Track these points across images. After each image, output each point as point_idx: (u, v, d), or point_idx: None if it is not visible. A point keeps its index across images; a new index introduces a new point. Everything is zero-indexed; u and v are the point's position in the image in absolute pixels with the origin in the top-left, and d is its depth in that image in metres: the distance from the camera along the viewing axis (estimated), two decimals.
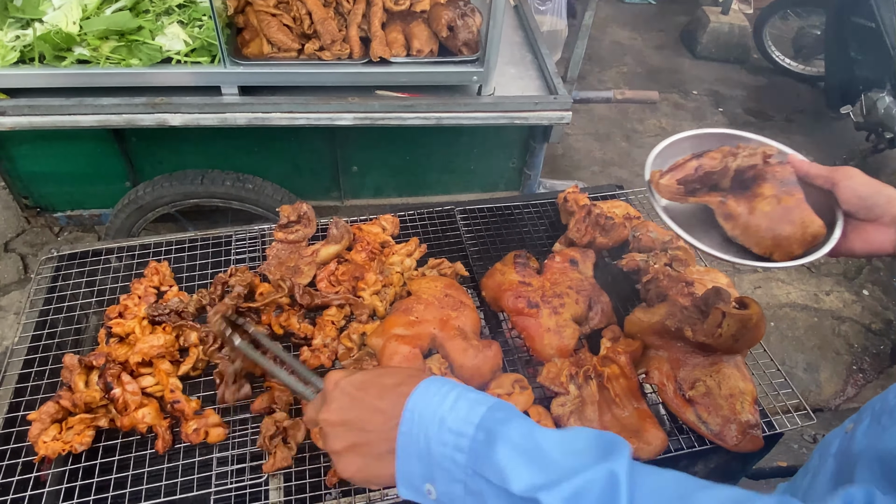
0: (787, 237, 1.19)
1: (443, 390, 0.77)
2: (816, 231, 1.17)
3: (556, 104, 2.54)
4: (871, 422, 0.97)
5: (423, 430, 0.74)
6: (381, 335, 1.47)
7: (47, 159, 2.72)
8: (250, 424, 1.41)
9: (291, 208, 1.82)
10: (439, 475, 0.73)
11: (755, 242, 1.23)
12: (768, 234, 1.20)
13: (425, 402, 0.76)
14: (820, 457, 1.12)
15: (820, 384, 3.43)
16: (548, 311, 1.55)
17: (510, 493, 0.68)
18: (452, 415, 0.74)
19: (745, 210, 1.24)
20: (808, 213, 1.19)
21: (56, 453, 1.30)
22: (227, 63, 2.32)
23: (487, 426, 0.72)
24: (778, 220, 1.19)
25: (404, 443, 0.75)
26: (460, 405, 0.75)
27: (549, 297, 1.57)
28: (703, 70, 6.03)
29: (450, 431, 0.73)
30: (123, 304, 1.57)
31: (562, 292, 1.59)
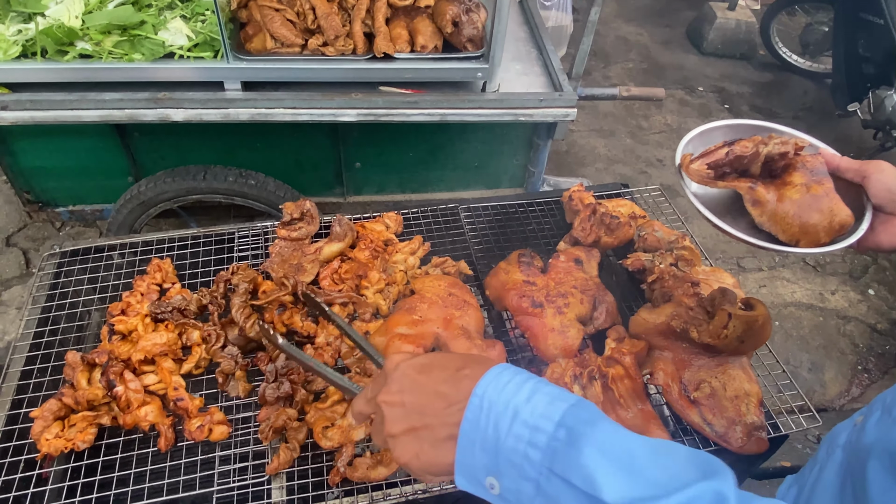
0: (815, 225, 1.19)
1: (517, 379, 0.72)
2: (844, 220, 1.18)
3: (562, 101, 2.52)
4: (883, 414, 0.96)
5: (491, 419, 0.69)
6: (384, 334, 1.46)
7: (49, 154, 2.71)
8: (253, 423, 1.40)
9: (294, 205, 1.81)
10: (507, 470, 0.69)
11: (782, 229, 1.23)
12: (795, 220, 1.20)
13: (496, 389, 0.71)
14: (828, 449, 1.11)
15: (824, 384, 3.41)
16: (552, 311, 1.54)
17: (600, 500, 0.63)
18: (529, 407, 0.69)
19: (773, 197, 1.24)
20: (836, 203, 1.19)
21: (58, 451, 1.30)
22: (230, 58, 2.30)
23: (570, 424, 0.67)
24: (806, 207, 1.20)
25: (468, 430, 0.71)
26: (538, 398, 0.70)
27: (553, 297, 1.56)
28: (709, 66, 5.99)
29: (525, 425, 0.68)
30: (126, 301, 1.56)
31: (566, 292, 1.58)
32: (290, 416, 1.35)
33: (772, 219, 1.24)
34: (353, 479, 1.29)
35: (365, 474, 1.29)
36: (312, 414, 1.37)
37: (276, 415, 1.34)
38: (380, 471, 1.30)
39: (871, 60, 4.53)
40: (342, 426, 1.37)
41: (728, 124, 1.38)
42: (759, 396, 1.44)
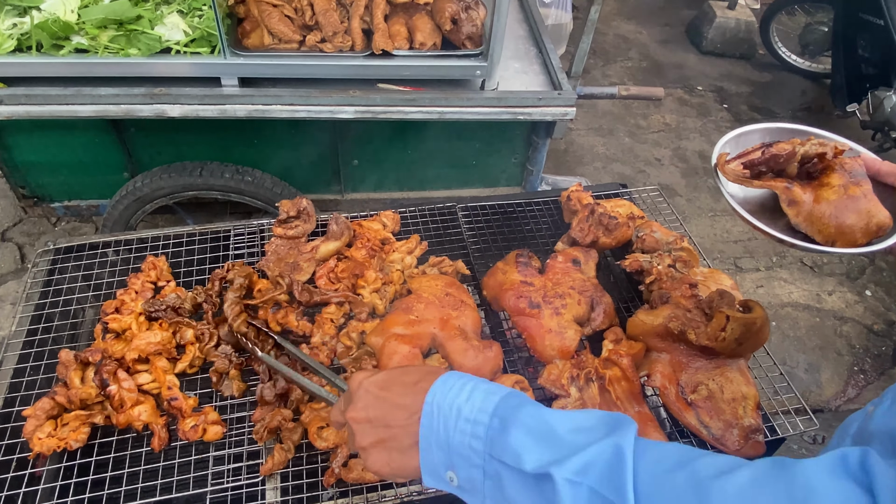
0: (851, 226, 1.18)
1: (459, 383, 0.82)
2: (882, 221, 1.17)
3: (560, 100, 2.51)
4: (892, 404, 0.97)
5: (441, 421, 0.79)
6: (381, 334, 1.45)
7: (45, 149, 2.69)
8: (247, 423, 1.39)
9: (291, 203, 1.80)
10: (459, 462, 0.78)
11: (818, 230, 1.22)
12: (832, 221, 1.19)
13: (443, 394, 0.81)
14: (839, 438, 1.13)
15: (821, 385, 3.42)
16: (549, 312, 1.53)
17: (524, 472, 0.72)
18: (469, 405, 0.79)
19: (809, 198, 1.23)
20: (874, 204, 1.18)
21: (51, 450, 1.29)
22: (227, 54, 2.29)
23: (501, 413, 0.77)
24: (843, 208, 1.19)
25: (426, 434, 0.80)
26: (476, 396, 0.80)
27: (550, 298, 1.55)
28: (708, 65, 5.98)
29: (466, 421, 0.78)
30: (120, 298, 1.55)
31: (564, 293, 1.57)
32: (285, 416, 1.34)
33: (808, 219, 1.23)
34: (347, 479, 1.29)
35: (360, 475, 1.29)
36: (307, 414, 1.36)
37: (270, 415, 1.33)
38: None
39: (870, 61, 4.52)
40: None
41: (766, 127, 1.38)
42: (756, 399, 1.44)
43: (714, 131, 5.09)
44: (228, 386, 1.42)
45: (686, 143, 4.93)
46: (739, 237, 4.21)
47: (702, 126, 5.14)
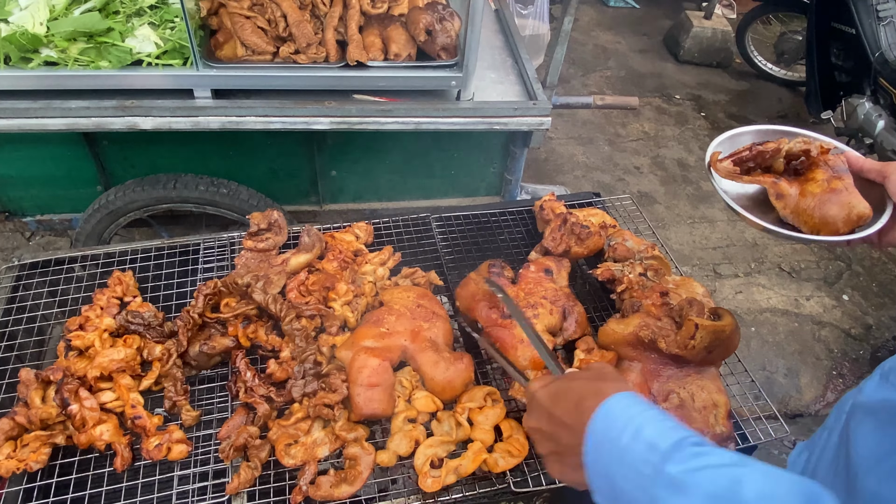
0: (833, 217, 1.26)
1: (623, 418, 0.79)
2: (861, 212, 1.25)
3: (536, 110, 2.52)
4: (881, 379, 1.01)
5: (604, 461, 0.79)
6: (350, 347, 1.44)
7: (16, 162, 2.65)
8: (213, 441, 1.37)
9: (262, 216, 1.78)
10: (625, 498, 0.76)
11: (804, 221, 1.31)
12: (816, 213, 1.28)
13: (605, 429, 0.80)
14: (836, 415, 1.16)
15: (800, 389, 3.44)
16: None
17: None
18: (634, 451, 0.75)
19: (795, 191, 1.33)
20: (854, 196, 1.26)
21: (10, 472, 1.26)
22: (200, 65, 2.27)
23: (675, 472, 0.71)
24: (825, 201, 1.27)
25: (591, 463, 0.80)
26: (644, 435, 0.76)
27: (523, 308, 1.55)
28: (686, 74, 6.05)
29: (634, 470, 0.75)
30: (85, 315, 1.52)
31: (536, 302, 1.56)
32: (251, 433, 1.31)
33: (794, 212, 1.32)
34: (316, 497, 1.26)
35: (328, 493, 1.26)
36: (275, 431, 1.34)
37: (237, 433, 1.31)
38: (343, 489, 1.27)
39: (843, 69, 4.60)
40: (306, 443, 1.34)
41: (758, 129, 1.46)
42: (727, 407, 1.44)
43: (692, 139, 5.15)
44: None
45: (665, 150, 4.97)
46: (718, 244, 4.24)
47: (680, 134, 5.20)
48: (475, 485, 1.34)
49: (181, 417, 1.37)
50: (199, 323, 1.47)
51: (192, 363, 1.45)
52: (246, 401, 1.37)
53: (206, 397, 1.47)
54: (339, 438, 1.34)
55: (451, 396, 1.44)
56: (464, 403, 1.41)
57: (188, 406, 1.37)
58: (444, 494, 1.32)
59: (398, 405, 1.40)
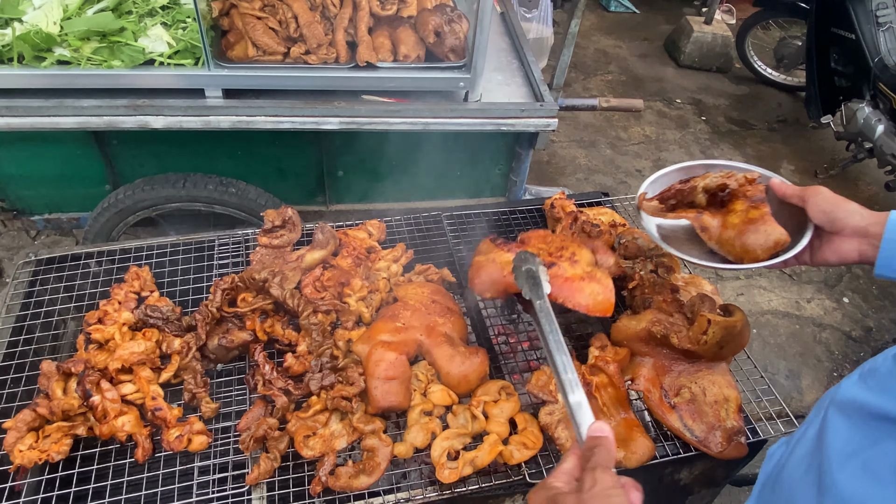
0: (753, 245, 1.31)
1: None
2: (778, 239, 1.30)
3: (543, 111, 2.55)
4: (859, 378, 1.03)
5: None
6: (367, 341, 1.46)
7: (25, 161, 2.66)
8: (233, 433, 1.38)
9: (276, 213, 1.80)
10: None
11: (728, 251, 1.37)
12: (737, 242, 1.33)
13: None
14: (816, 410, 1.18)
15: (801, 391, 3.47)
16: (567, 265, 1.40)
17: None
18: None
19: (717, 223, 1.39)
20: (770, 224, 1.32)
21: (32, 462, 1.27)
22: (211, 65, 2.29)
23: None
24: (745, 230, 1.33)
25: None
26: None
27: (555, 254, 1.43)
28: (686, 79, 6.10)
29: None
30: (103, 309, 1.54)
31: (562, 246, 1.46)
32: (270, 425, 1.33)
33: (719, 242, 1.38)
34: (334, 488, 1.28)
35: (347, 483, 1.28)
36: (294, 423, 1.36)
37: (256, 424, 1.32)
38: (362, 480, 1.29)
39: (842, 74, 4.65)
40: (324, 435, 1.36)
41: (684, 166, 1.53)
42: (738, 402, 1.46)
43: (693, 143, 5.19)
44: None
45: (666, 154, 5.01)
46: None
47: (681, 138, 5.24)
48: (491, 476, 1.36)
49: (200, 409, 1.39)
50: (217, 317, 1.49)
51: (211, 356, 1.47)
52: (264, 393, 1.39)
53: (224, 390, 1.49)
54: (357, 430, 1.36)
55: (467, 390, 1.46)
56: (479, 397, 1.43)
57: (207, 398, 1.39)
58: (461, 486, 1.34)
59: (414, 398, 1.42)
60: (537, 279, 1.20)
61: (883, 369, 0.98)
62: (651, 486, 1.58)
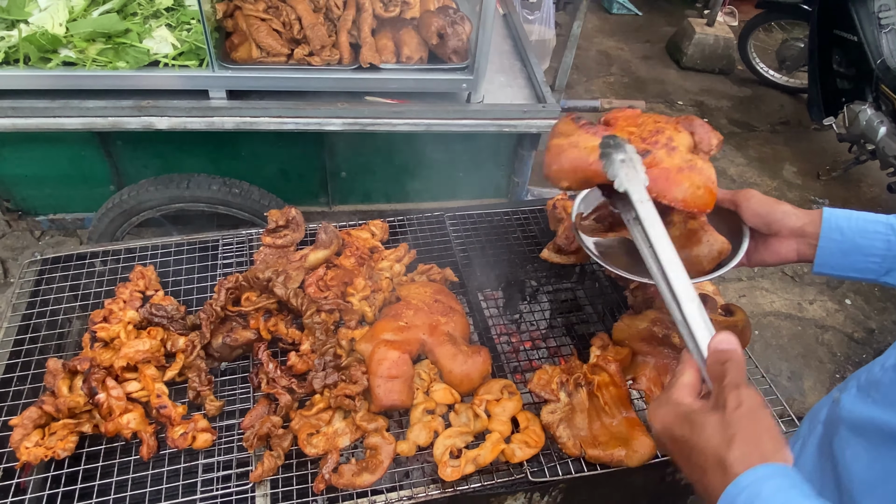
0: (697, 256, 1.28)
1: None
2: (721, 247, 1.27)
3: (545, 112, 2.56)
4: (858, 392, 1.03)
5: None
6: (370, 340, 1.46)
7: (30, 162, 2.68)
8: (237, 431, 1.39)
9: (280, 213, 1.81)
10: None
11: None
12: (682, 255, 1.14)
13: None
14: (809, 424, 1.17)
15: (804, 392, 3.47)
16: (663, 152, 1.20)
17: None
18: None
19: None
20: (711, 234, 1.28)
21: (38, 459, 1.28)
22: (216, 67, 2.31)
23: None
24: (686, 241, 1.28)
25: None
26: None
27: (649, 139, 1.22)
28: (688, 81, 6.10)
29: None
30: (108, 308, 1.55)
31: (656, 129, 1.24)
32: (274, 423, 1.34)
33: None
34: (338, 485, 1.29)
35: (350, 481, 1.29)
36: (297, 421, 1.37)
37: (260, 422, 1.33)
38: (364, 477, 1.30)
39: (845, 76, 4.65)
40: (327, 433, 1.36)
41: None
42: None
43: None
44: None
45: None
46: None
47: None
48: (493, 475, 1.37)
49: (205, 407, 1.40)
50: (221, 316, 1.50)
51: (215, 355, 1.48)
52: (268, 391, 1.40)
53: (228, 389, 1.50)
54: (360, 429, 1.36)
55: (469, 389, 1.47)
56: (481, 395, 1.44)
57: (212, 396, 1.40)
58: (463, 484, 1.34)
59: (417, 397, 1.43)
60: (633, 169, 1.05)
61: (886, 381, 0.96)
62: (652, 486, 1.59)
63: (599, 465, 1.38)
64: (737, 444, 0.74)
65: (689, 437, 0.79)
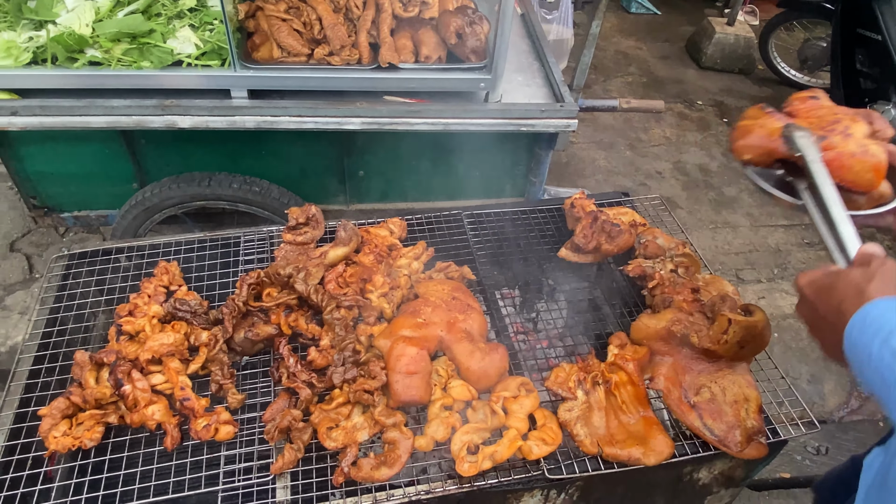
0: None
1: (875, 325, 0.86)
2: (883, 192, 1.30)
3: (563, 112, 2.56)
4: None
5: (856, 362, 0.89)
6: (389, 336, 1.48)
7: (56, 160, 2.74)
8: (258, 423, 1.42)
9: (300, 210, 1.84)
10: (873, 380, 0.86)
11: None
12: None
13: (859, 334, 0.88)
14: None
15: (824, 396, 3.42)
16: (838, 138, 1.32)
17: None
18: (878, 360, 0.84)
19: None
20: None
21: (66, 448, 1.32)
22: (237, 66, 2.34)
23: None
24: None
25: (849, 359, 0.91)
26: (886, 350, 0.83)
27: (826, 127, 1.35)
28: (708, 81, 6.05)
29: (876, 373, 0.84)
30: (133, 302, 1.58)
31: (835, 119, 1.36)
32: (294, 416, 1.36)
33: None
34: (357, 479, 1.31)
35: (369, 475, 1.31)
36: (317, 415, 1.39)
37: (281, 415, 1.36)
38: (383, 471, 1.31)
39: (868, 76, 4.58)
40: (346, 427, 1.38)
41: None
42: (758, 402, 1.46)
43: (714, 145, 5.15)
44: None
45: (686, 156, 4.98)
46: (740, 249, 4.24)
47: (702, 140, 5.20)
48: (510, 471, 1.38)
49: (227, 400, 1.42)
50: (243, 311, 1.53)
51: (237, 349, 1.51)
52: (288, 385, 1.42)
53: (250, 382, 1.52)
54: (379, 423, 1.38)
55: (486, 386, 1.48)
56: (498, 392, 1.45)
57: (234, 389, 1.43)
58: (480, 479, 1.35)
59: (435, 393, 1.44)
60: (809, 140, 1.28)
61: None
62: (670, 485, 1.59)
63: (616, 464, 1.39)
64: (876, 280, 0.92)
65: (833, 282, 0.98)
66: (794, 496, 3.01)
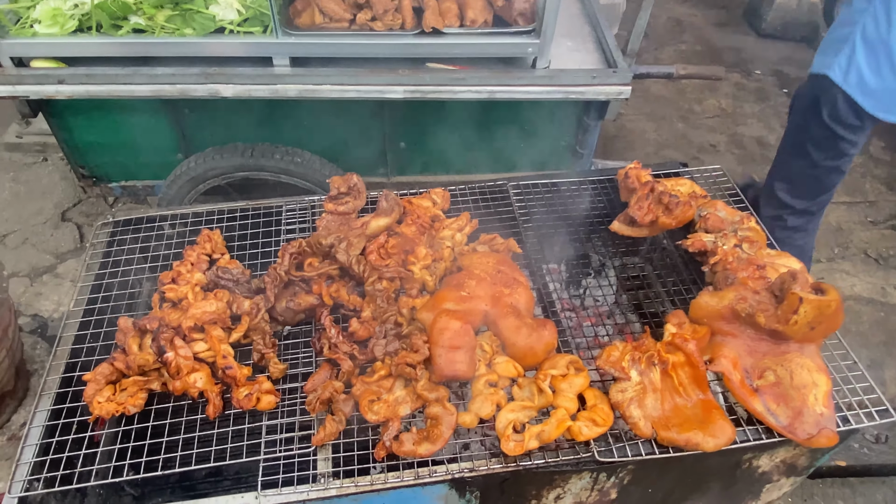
0: None
1: None
2: None
3: (616, 78, 2.43)
4: None
5: None
6: (432, 309, 1.43)
7: (103, 130, 2.76)
8: (300, 394, 1.39)
9: (342, 179, 1.79)
10: None
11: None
12: None
13: None
14: None
15: (884, 382, 3.24)
16: None
17: None
18: None
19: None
20: None
21: (110, 414, 1.32)
22: (279, 33, 2.29)
23: None
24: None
25: None
26: None
27: None
28: (767, 49, 5.72)
29: None
30: (176, 269, 1.57)
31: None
32: (336, 388, 1.33)
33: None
34: (398, 453, 1.27)
35: (411, 450, 1.27)
36: (359, 387, 1.35)
37: (322, 387, 1.32)
38: (426, 446, 1.27)
39: None
40: (388, 401, 1.34)
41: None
42: (829, 387, 1.36)
43: (773, 117, 4.88)
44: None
45: (743, 129, 4.73)
46: None
47: (760, 111, 4.93)
48: (557, 452, 1.32)
49: (269, 370, 1.40)
50: (284, 280, 1.50)
51: (279, 318, 1.48)
52: (330, 357, 1.39)
53: (292, 352, 1.50)
54: (421, 398, 1.34)
55: (533, 363, 1.42)
56: (546, 370, 1.38)
57: (276, 359, 1.40)
58: (526, 459, 1.30)
59: (479, 368, 1.39)
60: None
61: None
62: (726, 472, 1.50)
63: (672, 448, 1.31)
64: None
65: None
66: (850, 485, 2.87)
